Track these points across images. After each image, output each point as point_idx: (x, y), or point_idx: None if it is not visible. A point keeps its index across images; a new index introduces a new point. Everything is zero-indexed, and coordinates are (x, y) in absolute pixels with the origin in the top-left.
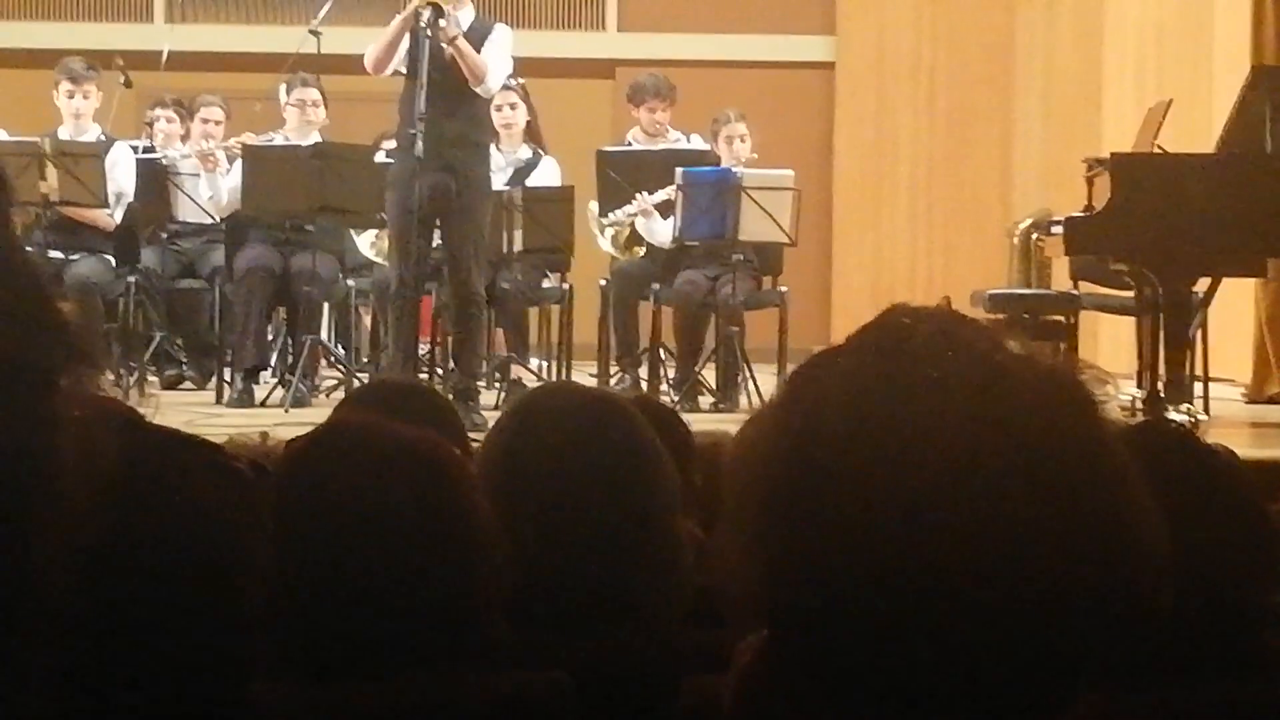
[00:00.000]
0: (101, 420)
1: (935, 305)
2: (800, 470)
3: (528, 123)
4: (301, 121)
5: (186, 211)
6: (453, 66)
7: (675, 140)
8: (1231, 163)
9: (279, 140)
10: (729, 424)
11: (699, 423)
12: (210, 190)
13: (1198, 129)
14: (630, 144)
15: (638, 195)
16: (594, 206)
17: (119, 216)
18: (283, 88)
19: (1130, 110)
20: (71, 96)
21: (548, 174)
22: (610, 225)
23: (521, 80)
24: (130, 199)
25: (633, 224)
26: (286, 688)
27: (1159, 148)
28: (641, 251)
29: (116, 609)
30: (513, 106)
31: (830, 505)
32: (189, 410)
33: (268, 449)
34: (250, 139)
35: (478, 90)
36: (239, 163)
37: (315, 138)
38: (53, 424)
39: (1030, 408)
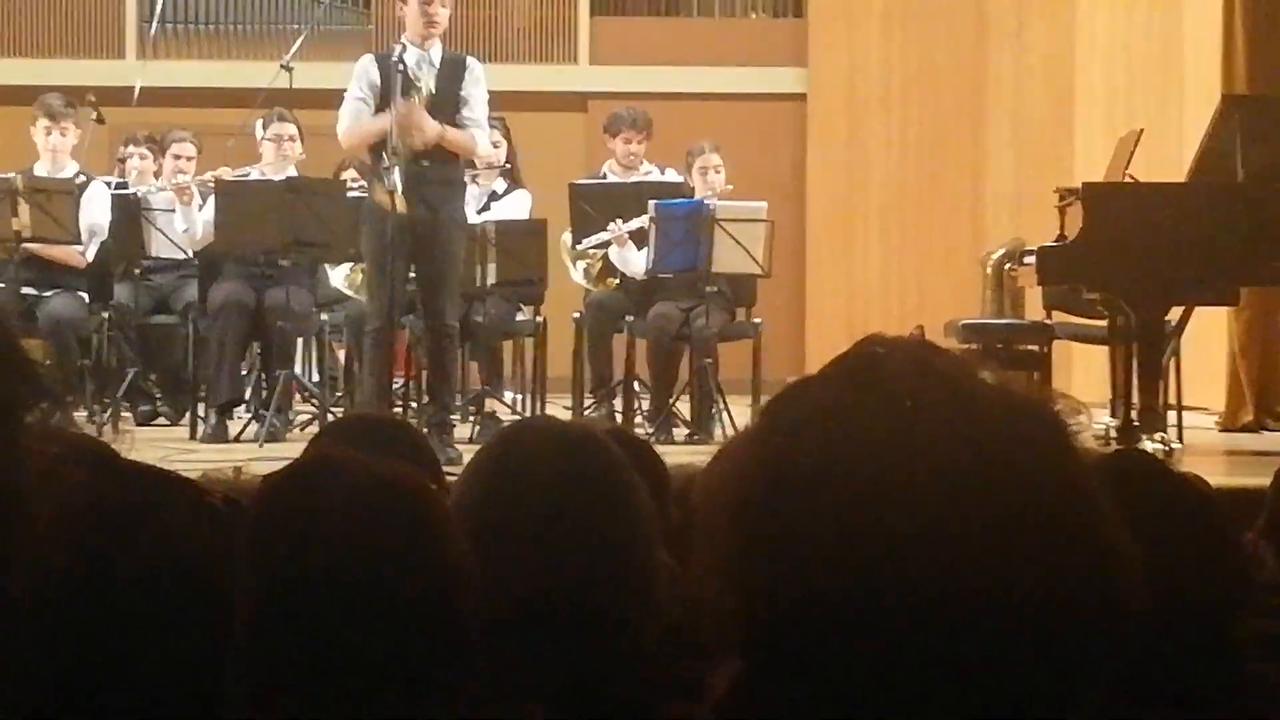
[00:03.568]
0: (73, 456)
1: (909, 335)
2: (775, 499)
3: (507, 160)
4: (278, 156)
5: (160, 247)
6: (430, 108)
7: (648, 173)
8: (1203, 191)
9: (255, 175)
10: (704, 456)
11: (674, 455)
12: (185, 224)
13: (1169, 158)
14: (605, 175)
15: (612, 223)
16: (567, 238)
17: (92, 253)
18: (259, 123)
19: (1101, 140)
20: (49, 133)
21: (517, 206)
22: (583, 256)
23: (502, 116)
24: (104, 236)
25: (606, 256)
26: None
27: (1130, 177)
28: (615, 283)
29: (90, 639)
30: (495, 145)
31: (805, 534)
32: (163, 446)
33: (241, 484)
34: (228, 173)
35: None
36: (213, 197)
37: (291, 172)
38: (16, 459)
39: (1004, 437)
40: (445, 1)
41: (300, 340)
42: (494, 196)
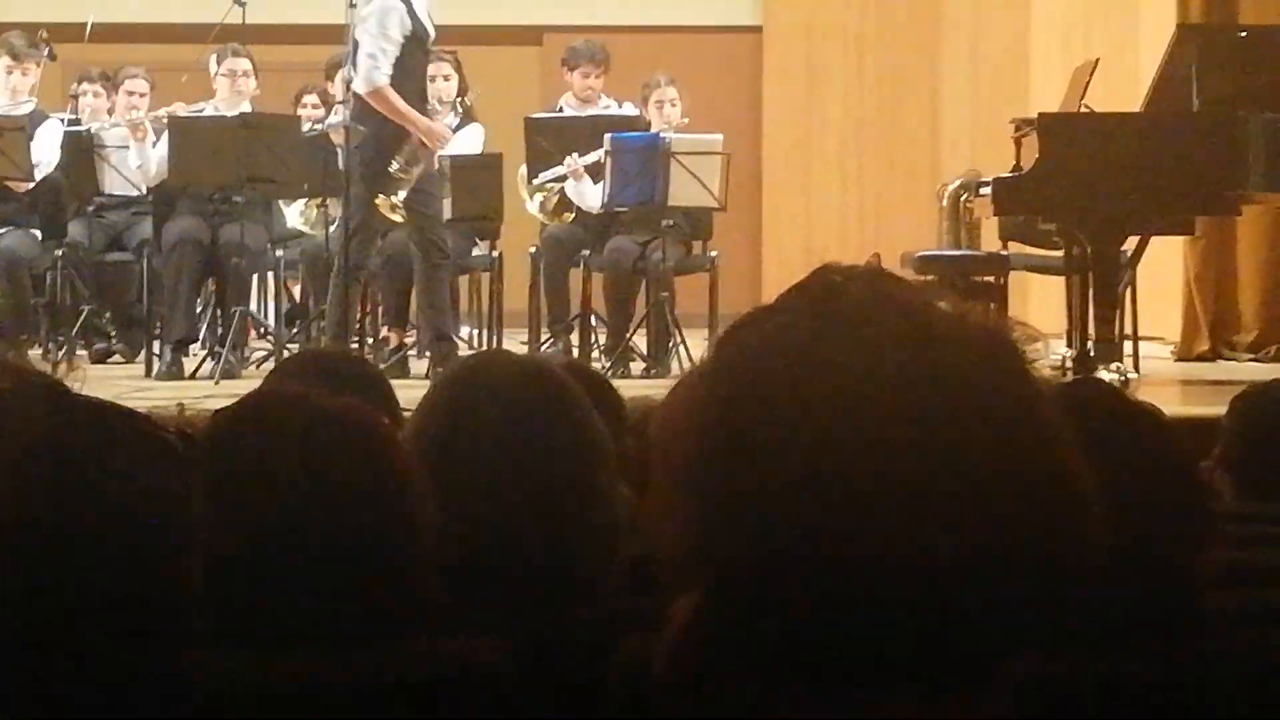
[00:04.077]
0: (26, 392)
1: (865, 264)
2: (732, 429)
3: (459, 94)
4: (232, 92)
5: (113, 184)
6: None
7: (606, 107)
8: (1158, 121)
9: (210, 111)
10: (661, 390)
11: (631, 389)
12: (139, 160)
13: (1125, 88)
14: (562, 109)
15: (568, 158)
16: (523, 172)
17: (39, 176)
18: (213, 58)
19: (1057, 71)
20: (10, 73)
21: (471, 141)
22: (539, 190)
23: (454, 50)
24: (50, 170)
25: (562, 190)
26: (224, 658)
27: (1086, 107)
28: (570, 217)
29: (48, 577)
30: (446, 78)
31: (763, 464)
32: (118, 384)
33: (188, 420)
34: (182, 109)
35: None
36: (166, 134)
37: (246, 108)
38: None
39: (961, 364)
40: None
41: (255, 277)
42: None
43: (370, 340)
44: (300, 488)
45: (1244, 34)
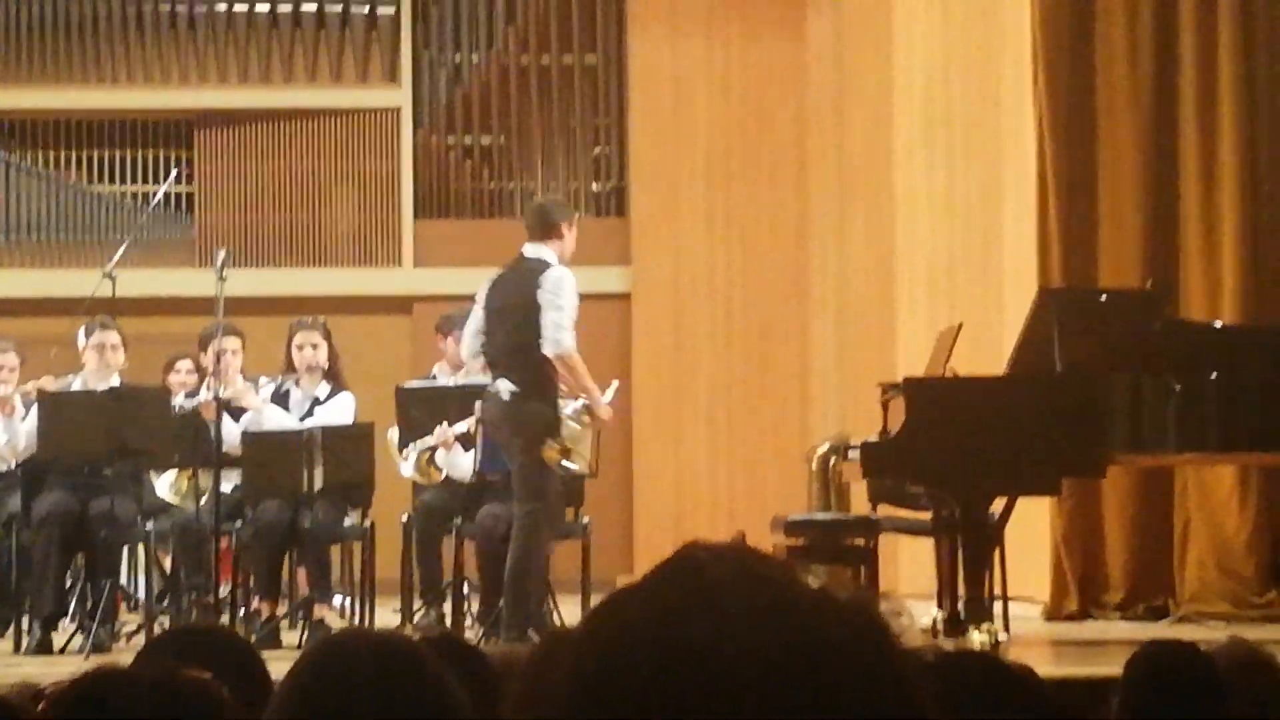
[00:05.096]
0: None
1: (731, 540)
2: (597, 705)
3: (329, 363)
4: (101, 365)
5: None
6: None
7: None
8: (1022, 384)
9: (78, 384)
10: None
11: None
12: (7, 434)
13: (989, 351)
14: (435, 376)
15: (438, 427)
16: (394, 435)
17: None
18: (81, 331)
19: (923, 334)
20: None
21: (341, 410)
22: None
23: (323, 318)
24: None
25: (434, 449)
26: None
27: (951, 371)
28: (440, 474)
29: None
30: (315, 346)
31: None
32: None
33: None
34: (50, 382)
35: None
36: (35, 407)
37: (115, 380)
38: None
39: (826, 640)
40: None
41: (125, 549)
42: (317, 401)
43: (242, 612)
44: None
45: (1103, 296)
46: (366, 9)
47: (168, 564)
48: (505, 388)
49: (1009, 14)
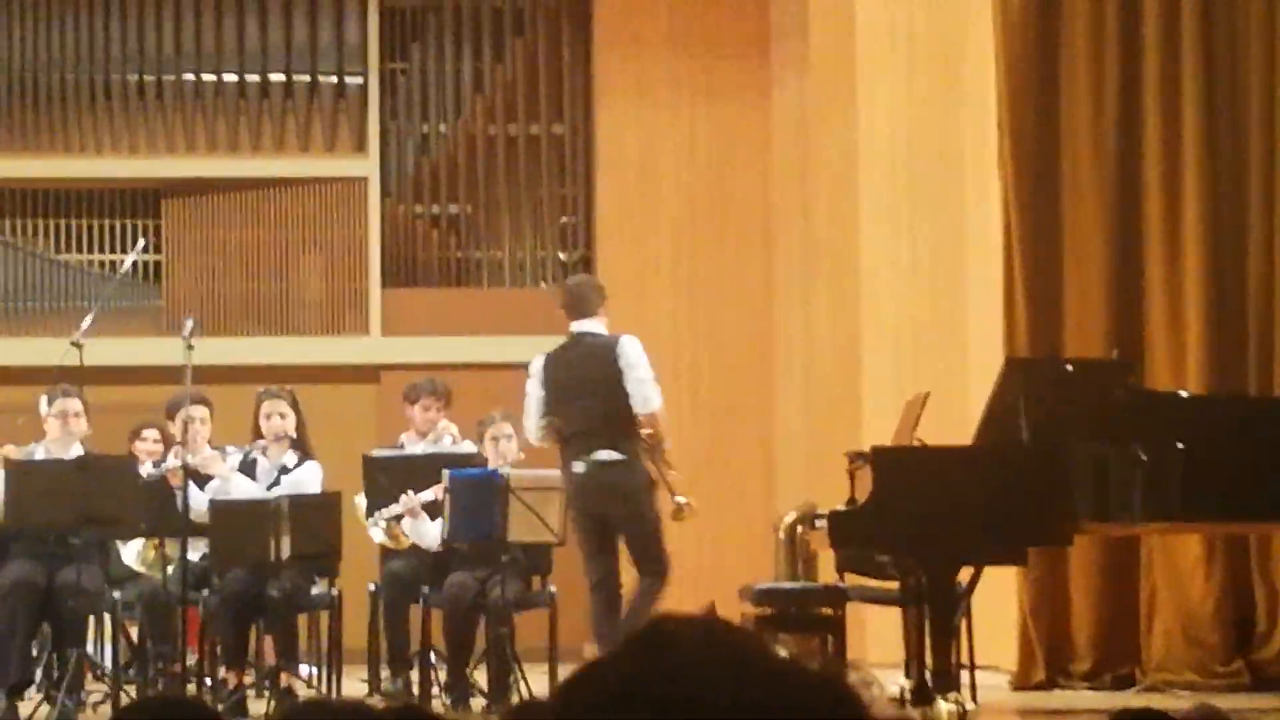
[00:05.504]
0: None
1: (701, 611)
2: None
3: (295, 431)
4: (64, 433)
5: None
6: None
7: (444, 430)
8: (989, 454)
9: (40, 452)
10: None
11: None
12: None
13: (955, 420)
14: (402, 445)
15: (404, 495)
16: (361, 502)
17: None
18: (44, 399)
19: (889, 403)
20: None
21: (309, 478)
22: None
23: (289, 387)
24: None
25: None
26: None
27: (918, 440)
28: (407, 540)
29: None
30: (282, 415)
31: None
32: None
33: None
34: (12, 451)
35: None
36: (0, 476)
37: (77, 449)
38: None
39: (799, 712)
40: None
41: (92, 618)
42: (284, 470)
43: (209, 681)
44: None
45: (1070, 366)
46: (334, 79)
47: (135, 633)
48: (607, 457)
49: (972, 83)
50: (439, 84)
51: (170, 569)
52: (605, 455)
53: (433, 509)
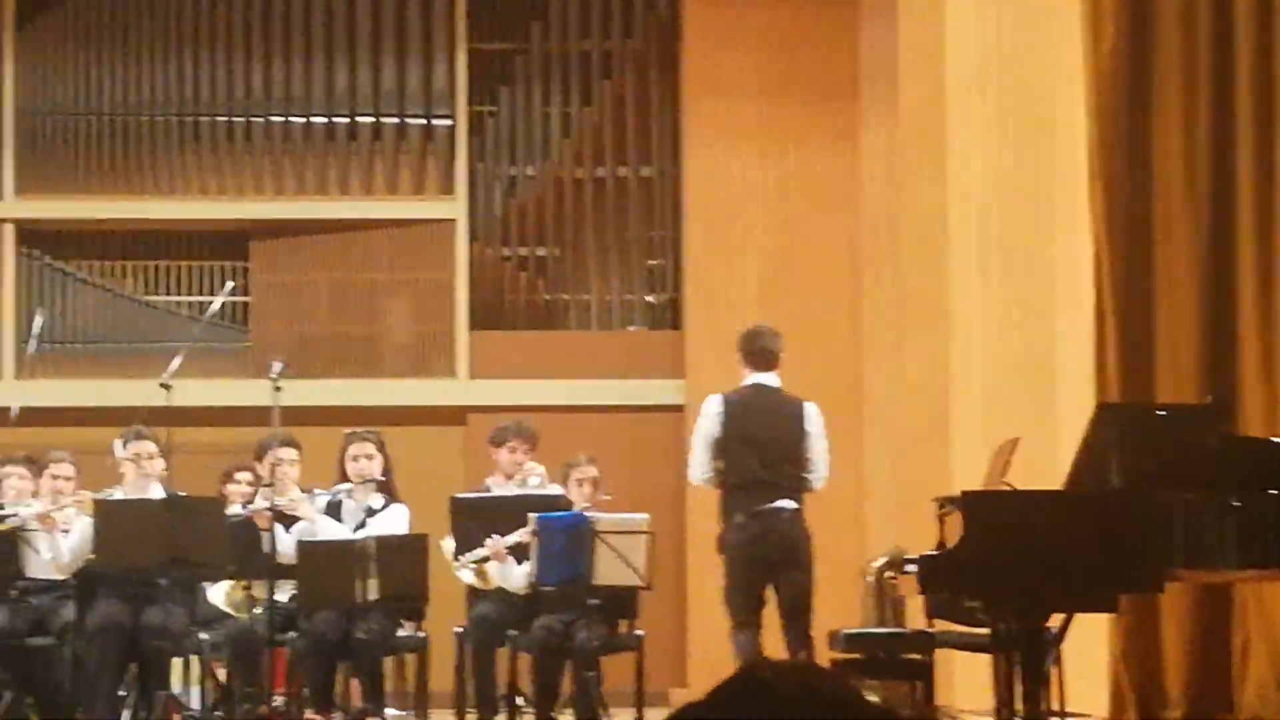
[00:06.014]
0: None
1: (794, 659)
2: None
3: (383, 473)
4: (139, 475)
5: (35, 568)
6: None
7: (530, 471)
8: (1081, 499)
9: (118, 494)
10: None
11: None
12: (50, 551)
13: (1044, 466)
14: (489, 488)
15: (489, 539)
16: (449, 544)
17: None
18: (117, 442)
19: (978, 448)
20: None
21: (395, 521)
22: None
23: (376, 429)
24: None
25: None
26: None
27: (1008, 485)
28: (497, 581)
29: None
30: (369, 458)
31: None
32: None
33: None
34: (89, 496)
35: None
36: (81, 519)
37: (157, 489)
38: None
39: None
40: None
41: (180, 659)
42: (370, 512)
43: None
44: None
45: (1163, 412)
46: (423, 122)
47: (222, 674)
48: (790, 506)
49: (1064, 133)
50: (527, 127)
51: (257, 610)
52: (788, 505)
53: (519, 551)
